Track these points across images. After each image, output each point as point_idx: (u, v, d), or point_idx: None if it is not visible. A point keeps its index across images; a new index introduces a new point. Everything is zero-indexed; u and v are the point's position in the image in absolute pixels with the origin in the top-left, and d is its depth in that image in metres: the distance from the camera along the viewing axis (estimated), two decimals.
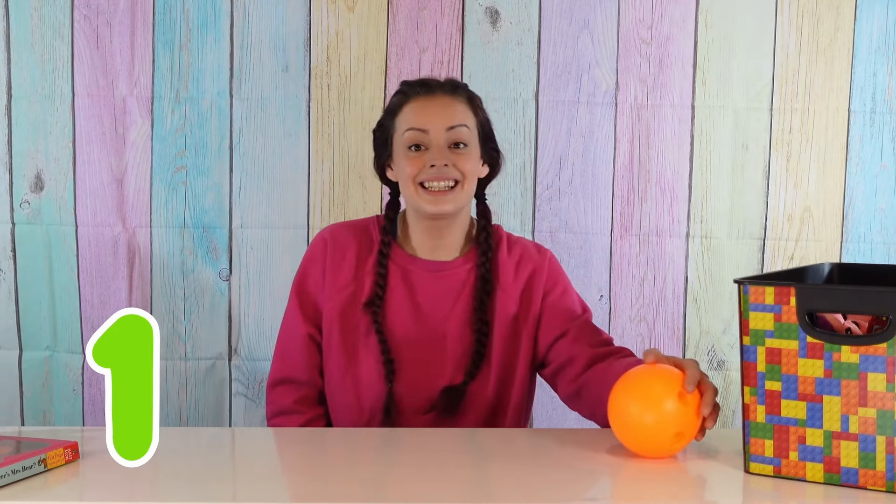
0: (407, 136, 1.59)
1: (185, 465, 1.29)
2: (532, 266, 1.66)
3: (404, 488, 1.19)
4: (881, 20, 2.17)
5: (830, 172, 2.20)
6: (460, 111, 1.60)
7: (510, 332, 1.62)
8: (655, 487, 1.21)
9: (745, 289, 1.21)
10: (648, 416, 1.26)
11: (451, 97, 1.61)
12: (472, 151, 1.60)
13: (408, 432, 1.52)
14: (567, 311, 1.64)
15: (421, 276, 1.63)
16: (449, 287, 1.62)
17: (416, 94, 1.61)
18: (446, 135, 1.57)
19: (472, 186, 1.61)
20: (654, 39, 2.17)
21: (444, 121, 1.58)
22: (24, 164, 2.18)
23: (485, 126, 1.65)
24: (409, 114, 1.60)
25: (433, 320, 1.61)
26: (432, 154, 1.56)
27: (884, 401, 1.13)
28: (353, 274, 1.63)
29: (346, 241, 1.65)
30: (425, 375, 1.59)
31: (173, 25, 2.16)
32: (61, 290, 2.20)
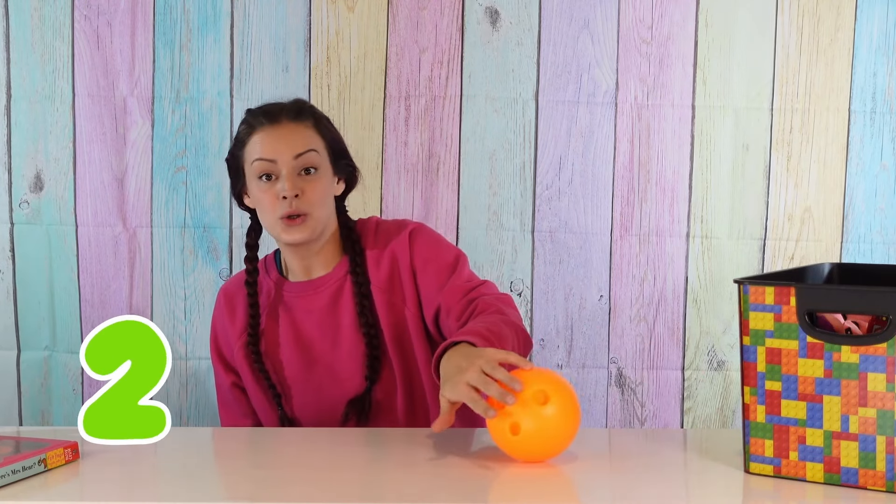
0: (256, 166, 1.57)
1: (185, 465, 1.29)
2: (391, 249, 1.63)
3: (405, 488, 1.19)
4: (881, 20, 2.17)
5: (830, 172, 2.20)
6: (307, 136, 1.58)
7: (398, 325, 1.62)
8: (655, 487, 1.21)
9: (745, 289, 1.21)
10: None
11: (295, 123, 1.59)
12: (323, 175, 1.59)
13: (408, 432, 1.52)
14: (436, 281, 1.60)
15: (300, 298, 1.64)
16: (328, 301, 1.63)
17: (261, 125, 1.59)
18: (294, 162, 1.56)
19: (324, 211, 1.59)
20: (654, 39, 2.17)
21: (290, 149, 1.56)
22: (24, 164, 2.18)
23: (334, 145, 1.63)
24: (256, 144, 1.58)
25: (325, 337, 1.63)
26: (282, 184, 1.55)
27: (884, 401, 1.13)
28: (247, 318, 1.66)
29: (235, 291, 1.69)
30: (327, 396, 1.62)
31: (173, 25, 2.16)
32: (61, 290, 2.20)
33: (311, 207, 1.56)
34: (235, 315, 1.68)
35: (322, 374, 1.63)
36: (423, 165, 2.18)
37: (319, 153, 1.59)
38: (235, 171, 1.65)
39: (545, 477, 1.23)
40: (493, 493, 1.19)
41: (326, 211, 1.60)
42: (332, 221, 1.65)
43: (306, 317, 1.64)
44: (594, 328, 2.20)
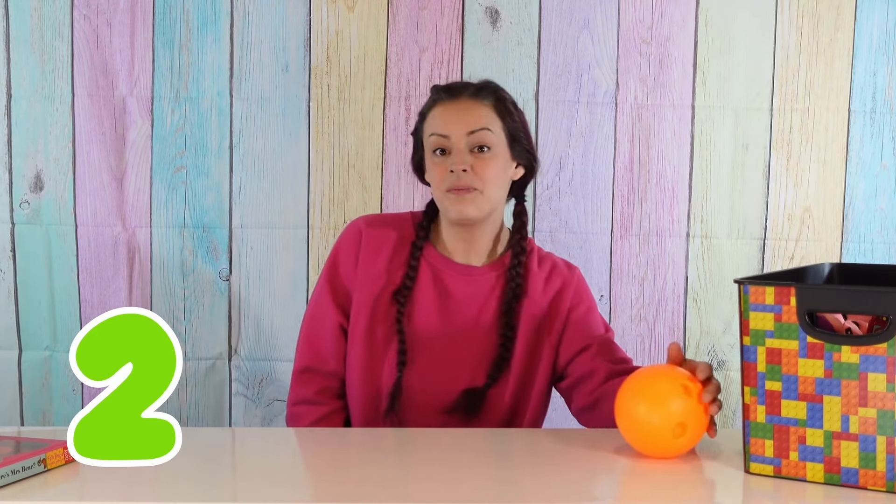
0: (431, 140, 1.60)
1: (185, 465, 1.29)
2: (561, 281, 1.66)
3: (406, 488, 1.19)
4: (881, 20, 2.17)
5: (830, 172, 2.20)
6: (483, 115, 1.59)
7: (533, 342, 1.62)
8: (656, 488, 1.21)
9: (745, 289, 1.21)
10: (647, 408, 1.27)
11: (474, 101, 1.61)
12: (497, 155, 1.59)
13: (408, 432, 1.52)
14: (590, 328, 1.64)
15: (451, 276, 1.63)
16: (477, 291, 1.63)
17: (441, 100, 1.62)
18: (468, 139, 1.57)
19: (496, 192, 1.59)
20: (654, 39, 2.17)
21: (464, 125, 1.57)
22: (24, 164, 2.18)
23: (513, 129, 1.62)
24: (433, 119, 1.61)
25: (458, 321, 1.62)
26: (453, 159, 1.57)
27: (884, 401, 1.12)
28: (385, 267, 1.63)
29: (382, 233, 1.66)
30: (441, 373, 1.60)
31: (173, 25, 2.16)
32: (61, 290, 2.20)
33: (481, 184, 1.56)
34: (378, 257, 1.64)
35: (447, 355, 1.61)
36: None
37: (494, 133, 1.59)
38: (417, 145, 1.66)
39: (545, 477, 1.23)
40: (493, 493, 1.19)
41: (499, 192, 1.60)
42: (502, 207, 1.65)
43: (453, 298, 1.62)
44: None
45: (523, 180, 1.68)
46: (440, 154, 1.59)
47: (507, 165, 1.62)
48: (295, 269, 2.18)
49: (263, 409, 2.21)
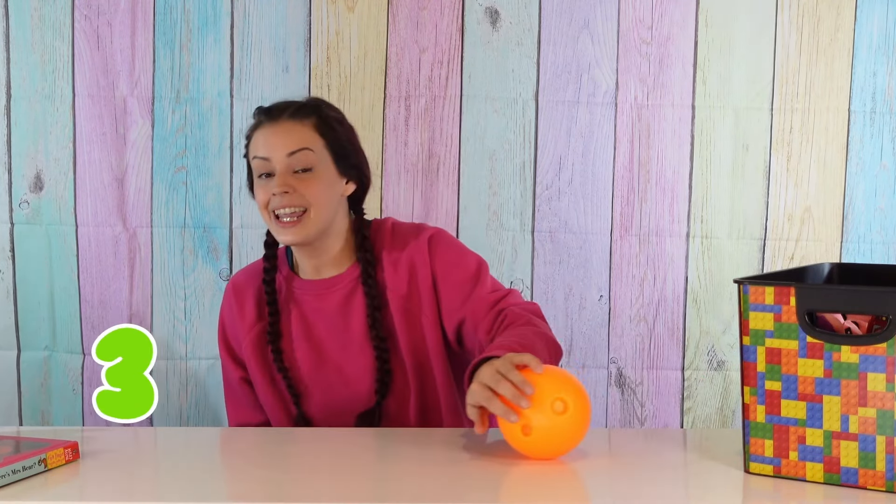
0: (255, 164, 1.59)
1: (185, 465, 1.29)
2: (409, 255, 1.61)
3: (407, 488, 1.19)
4: (881, 20, 2.17)
5: (830, 172, 2.20)
6: (304, 135, 1.57)
7: (414, 334, 1.60)
8: (655, 487, 1.21)
9: (745, 289, 1.21)
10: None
11: (293, 122, 1.58)
12: (320, 175, 1.57)
13: (408, 432, 1.52)
14: (459, 293, 1.58)
15: (311, 296, 1.63)
16: (338, 303, 1.62)
17: (262, 122, 1.60)
18: (288, 161, 1.55)
19: (323, 211, 1.57)
20: (654, 39, 2.17)
21: (283, 147, 1.55)
22: (24, 164, 2.19)
23: (336, 145, 1.60)
24: (255, 142, 1.60)
25: (334, 340, 1.62)
26: (275, 181, 1.56)
27: (884, 401, 1.13)
28: (256, 314, 1.65)
29: (244, 285, 1.68)
30: (336, 398, 1.61)
31: (173, 25, 2.16)
32: (61, 290, 2.20)
33: (306, 202, 1.55)
34: (245, 308, 1.67)
35: (333, 375, 1.61)
36: (423, 165, 2.18)
37: (316, 152, 1.57)
38: (249, 167, 1.65)
39: (545, 477, 1.23)
40: (493, 492, 1.19)
41: (326, 211, 1.58)
42: (341, 222, 1.63)
43: (317, 316, 1.62)
44: (594, 328, 2.20)
45: (358, 195, 1.67)
46: (265, 178, 1.58)
47: (335, 182, 1.60)
48: None
49: None
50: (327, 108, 1.64)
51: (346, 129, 1.65)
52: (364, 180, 1.67)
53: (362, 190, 1.67)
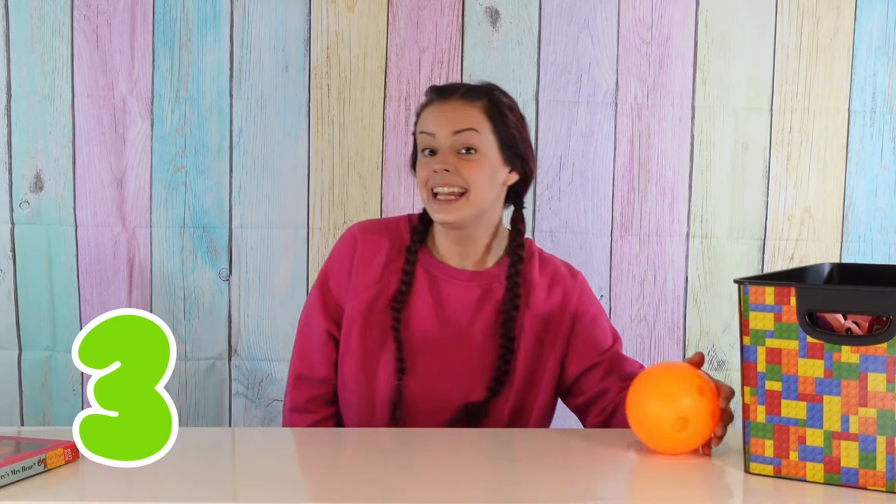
0: (420, 139, 1.60)
1: (185, 465, 1.29)
2: (563, 288, 1.63)
3: (406, 489, 1.19)
4: (881, 20, 2.17)
5: (830, 172, 2.20)
6: (472, 115, 1.57)
7: (535, 354, 1.60)
8: (655, 487, 1.21)
9: (745, 289, 1.21)
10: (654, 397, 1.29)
11: (464, 101, 1.58)
12: (484, 158, 1.56)
13: (407, 432, 1.52)
14: (597, 341, 1.61)
15: (446, 281, 1.61)
16: (474, 297, 1.60)
17: (433, 100, 1.61)
18: (452, 139, 1.55)
19: (482, 196, 1.56)
20: (654, 39, 2.17)
21: (450, 125, 1.56)
22: (24, 164, 2.18)
23: (504, 132, 1.59)
24: (424, 118, 1.61)
25: (455, 328, 1.59)
26: (438, 158, 1.56)
27: (884, 401, 1.13)
28: (380, 274, 1.62)
29: (377, 241, 1.64)
30: (440, 382, 1.57)
31: (173, 25, 2.16)
32: (61, 290, 2.20)
33: (466, 184, 1.54)
34: (370, 264, 1.62)
35: (444, 361, 1.58)
36: None
37: (482, 134, 1.56)
38: (414, 144, 1.65)
39: (544, 476, 1.23)
40: (493, 492, 1.19)
41: (486, 195, 1.57)
42: (496, 211, 1.62)
43: (449, 304, 1.60)
44: None
45: (520, 186, 1.66)
46: (428, 154, 1.58)
47: (498, 169, 1.59)
48: (295, 269, 2.18)
49: (263, 409, 2.21)
50: (500, 94, 1.63)
51: (516, 118, 1.63)
52: (528, 172, 1.65)
53: (524, 183, 1.66)
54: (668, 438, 1.28)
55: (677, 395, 1.27)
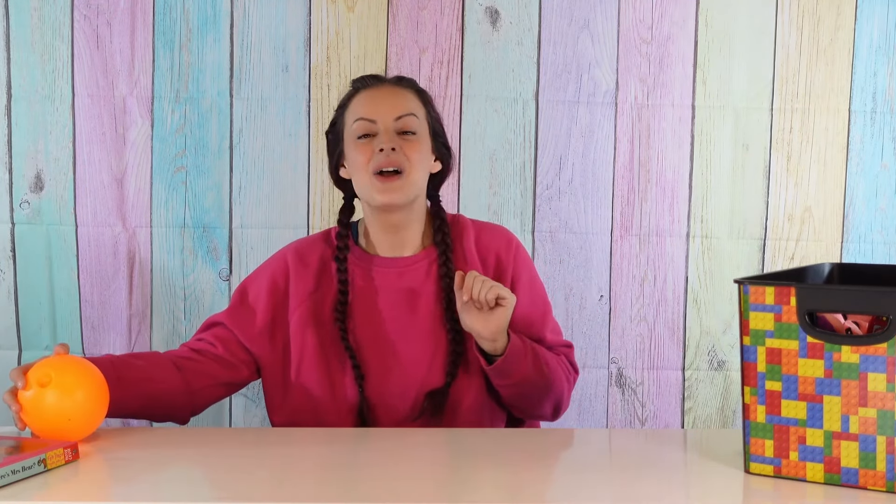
0: (356, 126, 1.59)
1: (186, 465, 1.29)
2: (497, 252, 1.63)
3: (404, 488, 1.19)
4: (881, 20, 2.17)
5: (831, 172, 2.20)
6: (409, 100, 1.61)
7: None
8: (655, 487, 1.21)
9: (745, 289, 1.21)
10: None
11: (398, 87, 1.62)
12: (422, 141, 1.59)
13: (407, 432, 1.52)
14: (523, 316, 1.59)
15: (383, 274, 1.61)
16: (413, 284, 1.60)
17: (365, 86, 1.62)
18: (394, 124, 1.57)
19: (420, 175, 1.58)
20: (654, 39, 2.17)
21: (392, 110, 1.58)
22: (24, 164, 2.18)
23: (434, 121, 1.64)
24: (357, 105, 1.61)
25: (401, 319, 1.59)
26: (380, 139, 1.56)
27: (884, 401, 1.12)
28: (314, 283, 1.62)
29: (307, 250, 1.65)
30: (399, 377, 1.57)
31: (173, 25, 2.16)
32: (61, 290, 2.20)
33: (408, 164, 1.55)
34: (302, 276, 1.62)
35: (393, 355, 1.58)
36: None
37: (419, 120, 1.60)
38: (334, 142, 1.65)
39: (544, 477, 1.24)
40: (492, 492, 1.19)
41: (422, 176, 1.59)
42: (423, 200, 1.64)
43: (384, 295, 1.60)
44: (594, 328, 2.20)
45: (439, 178, 1.67)
46: (365, 139, 1.58)
47: (429, 154, 1.62)
48: None
49: (263, 409, 2.20)
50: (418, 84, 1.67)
51: (436, 110, 1.67)
52: (449, 164, 1.68)
53: (443, 174, 1.68)
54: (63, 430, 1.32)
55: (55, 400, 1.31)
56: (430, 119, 1.63)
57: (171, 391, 1.54)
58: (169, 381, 1.53)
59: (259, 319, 1.62)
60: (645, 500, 1.17)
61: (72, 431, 1.31)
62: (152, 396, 1.52)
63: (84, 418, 1.33)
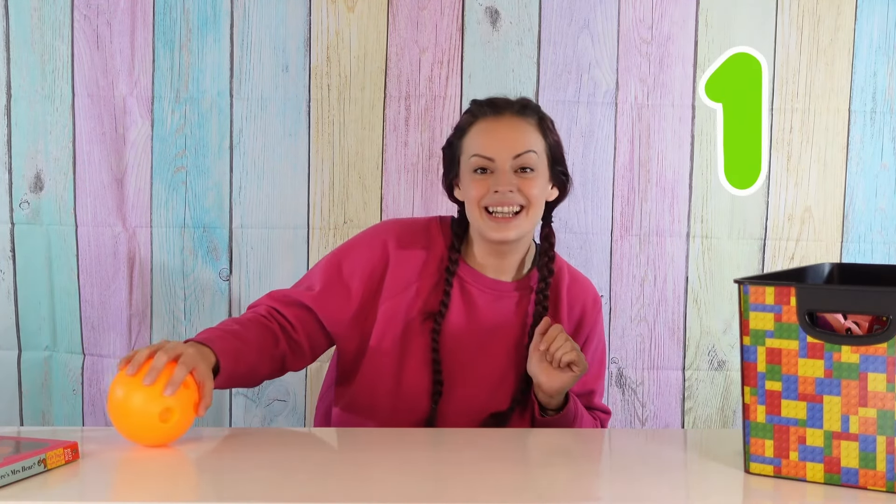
0: (473, 161, 1.55)
1: (186, 465, 1.29)
2: (583, 307, 1.65)
3: (406, 488, 1.19)
4: (881, 20, 2.17)
5: (831, 172, 2.19)
6: (529, 135, 1.56)
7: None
8: (655, 487, 1.21)
9: (745, 289, 1.21)
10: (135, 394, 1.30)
11: (519, 119, 1.56)
12: (540, 176, 1.56)
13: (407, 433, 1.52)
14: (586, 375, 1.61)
15: (479, 291, 1.60)
16: (504, 307, 1.60)
17: (484, 115, 1.57)
18: (513, 162, 1.53)
19: (537, 212, 1.56)
20: (654, 39, 2.17)
21: (510, 148, 1.53)
22: (24, 164, 2.18)
23: (554, 149, 1.59)
24: (475, 138, 1.56)
25: (485, 338, 1.59)
26: (497, 179, 1.52)
27: (884, 401, 1.12)
28: (415, 276, 1.58)
29: (410, 243, 1.60)
30: (470, 393, 1.58)
31: (173, 25, 2.16)
32: (61, 290, 2.20)
33: (526, 201, 1.53)
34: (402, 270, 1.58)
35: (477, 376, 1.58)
36: (423, 165, 2.17)
37: (538, 155, 1.56)
38: (451, 160, 1.62)
39: (545, 477, 1.24)
40: (492, 492, 1.19)
41: (537, 213, 1.57)
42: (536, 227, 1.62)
43: (483, 316, 1.59)
44: None
45: (554, 202, 1.65)
46: (481, 172, 1.55)
47: (546, 188, 1.59)
48: (295, 269, 2.17)
49: (263, 409, 2.21)
50: (542, 110, 1.62)
51: (556, 132, 1.63)
52: (565, 189, 1.64)
53: (560, 198, 1.65)
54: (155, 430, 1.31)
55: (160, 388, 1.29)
56: (549, 149, 1.58)
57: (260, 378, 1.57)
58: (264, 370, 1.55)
59: (351, 305, 1.58)
60: (645, 500, 1.17)
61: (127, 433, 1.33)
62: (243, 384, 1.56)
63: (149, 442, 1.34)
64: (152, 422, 1.29)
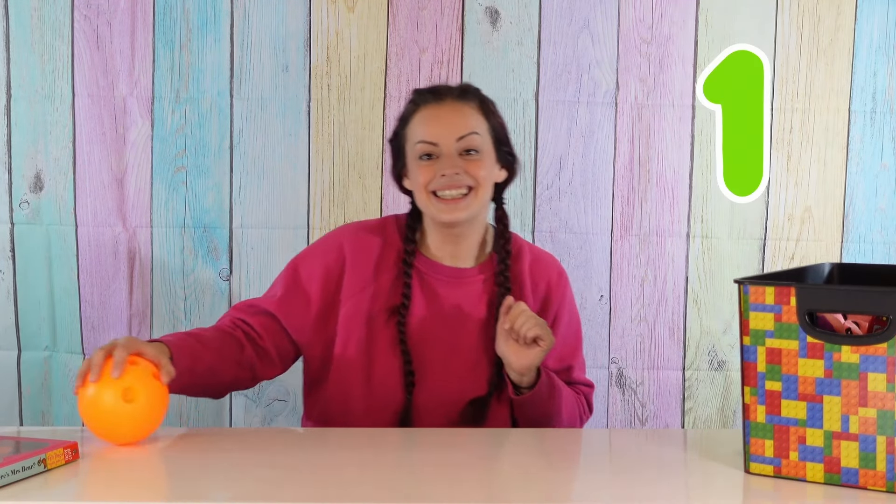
0: (418, 147, 1.57)
1: (185, 465, 1.29)
2: (548, 284, 1.65)
3: (406, 488, 1.19)
4: (881, 20, 2.17)
5: (831, 172, 2.20)
6: (471, 118, 1.58)
7: None
8: (655, 487, 1.21)
9: (745, 289, 1.21)
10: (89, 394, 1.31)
11: (460, 103, 1.59)
12: (485, 157, 1.58)
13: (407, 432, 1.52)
14: (559, 350, 1.61)
15: (439, 281, 1.61)
16: (467, 294, 1.61)
17: (426, 102, 1.60)
18: (457, 145, 1.55)
19: (486, 192, 1.58)
20: (654, 39, 2.17)
21: (453, 132, 1.55)
22: (24, 164, 2.18)
23: (498, 130, 1.61)
24: (418, 125, 1.58)
25: (452, 327, 1.60)
26: (443, 163, 1.54)
27: (884, 401, 1.12)
28: (373, 273, 1.60)
29: (367, 240, 1.62)
30: (445, 384, 1.57)
31: (173, 25, 2.16)
32: (61, 290, 2.19)
33: (474, 182, 1.54)
34: (358, 269, 1.59)
35: (448, 365, 1.58)
36: None
37: (482, 136, 1.58)
38: (398, 151, 1.63)
39: (545, 477, 1.24)
40: (492, 492, 1.19)
41: (487, 193, 1.59)
42: (486, 209, 1.62)
43: (445, 304, 1.60)
44: (594, 328, 2.20)
45: (504, 183, 1.66)
46: (426, 158, 1.57)
47: (493, 166, 1.60)
48: None
49: (263, 409, 2.21)
50: (483, 94, 1.64)
51: (500, 116, 1.64)
52: (515, 169, 1.66)
53: (509, 180, 1.67)
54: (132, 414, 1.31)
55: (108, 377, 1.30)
56: (492, 130, 1.60)
57: (226, 385, 1.58)
58: (228, 375, 1.55)
59: (311, 310, 1.60)
60: (645, 500, 1.17)
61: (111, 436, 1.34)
62: (209, 390, 1.57)
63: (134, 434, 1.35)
64: (121, 407, 1.30)
